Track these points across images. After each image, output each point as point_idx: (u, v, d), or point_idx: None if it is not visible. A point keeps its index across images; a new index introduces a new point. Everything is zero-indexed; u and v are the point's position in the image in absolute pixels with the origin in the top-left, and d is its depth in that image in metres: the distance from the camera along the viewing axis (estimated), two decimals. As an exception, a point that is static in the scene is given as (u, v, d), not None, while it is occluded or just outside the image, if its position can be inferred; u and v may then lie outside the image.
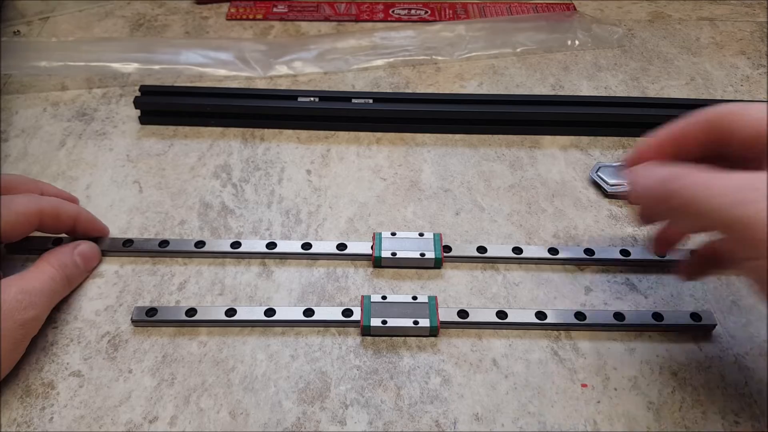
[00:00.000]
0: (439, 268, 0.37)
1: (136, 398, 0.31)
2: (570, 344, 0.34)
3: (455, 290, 0.36)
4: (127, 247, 0.37)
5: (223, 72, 0.52)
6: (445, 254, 0.37)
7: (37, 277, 0.32)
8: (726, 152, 0.29)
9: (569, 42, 0.55)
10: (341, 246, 0.37)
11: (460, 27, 0.56)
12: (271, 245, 0.37)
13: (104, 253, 0.37)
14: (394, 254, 0.37)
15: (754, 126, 0.28)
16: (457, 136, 0.47)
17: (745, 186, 0.24)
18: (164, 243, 0.37)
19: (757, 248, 0.24)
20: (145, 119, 0.47)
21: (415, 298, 0.35)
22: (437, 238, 0.38)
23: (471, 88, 0.51)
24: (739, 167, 0.26)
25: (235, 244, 0.37)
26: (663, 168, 0.28)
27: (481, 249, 0.37)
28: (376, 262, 0.37)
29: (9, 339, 0.30)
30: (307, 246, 0.37)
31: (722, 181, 0.25)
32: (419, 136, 0.46)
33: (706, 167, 0.26)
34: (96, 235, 0.37)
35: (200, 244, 0.37)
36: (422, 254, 0.37)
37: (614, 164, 0.42)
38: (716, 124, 0.29)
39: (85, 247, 0.36)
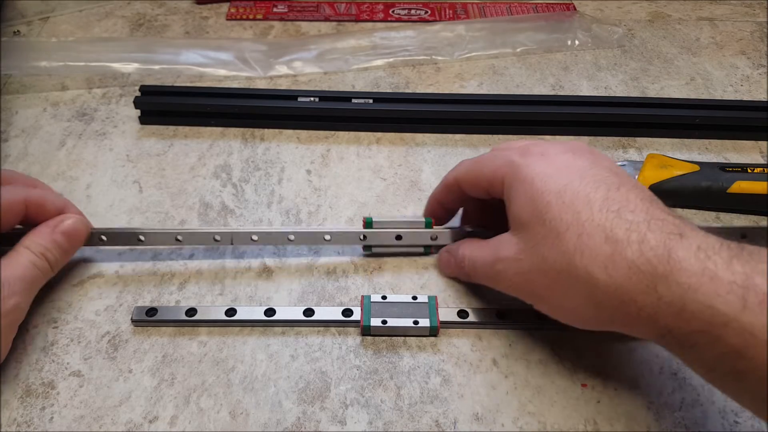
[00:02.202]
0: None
1: (136, 398, 0.31)
2: (570, 344, 0.34)
3: (455, 290, 0.36)
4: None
5: (223, 72, 0.52)
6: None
7: (15, 265, 0.31)
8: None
9: (569, 42, 0.55)
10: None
11: (460, 27, 0.56)
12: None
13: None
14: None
15: (475, 186, 0.34)
16: (457, 136, 0.47)
17: (492, 263, 0.31)
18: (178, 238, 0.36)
19: (526, 301, 0.31)
20: (145, 119, 0.47)
21: (415, 298, 0.35)
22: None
23: (471, 88, 0.51)
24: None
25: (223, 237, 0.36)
26: (449, 253, 0.36)
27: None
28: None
29: None
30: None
31: (480, 258, 0.33)
32: (419, 136, 0.46)
33: (471, 240, 0.35)
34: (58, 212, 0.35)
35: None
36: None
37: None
38: (453, 187, 0.35)
39: (68, 224, 0.34)
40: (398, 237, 0.37)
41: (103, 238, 0.36)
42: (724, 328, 0.23)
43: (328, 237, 0.36)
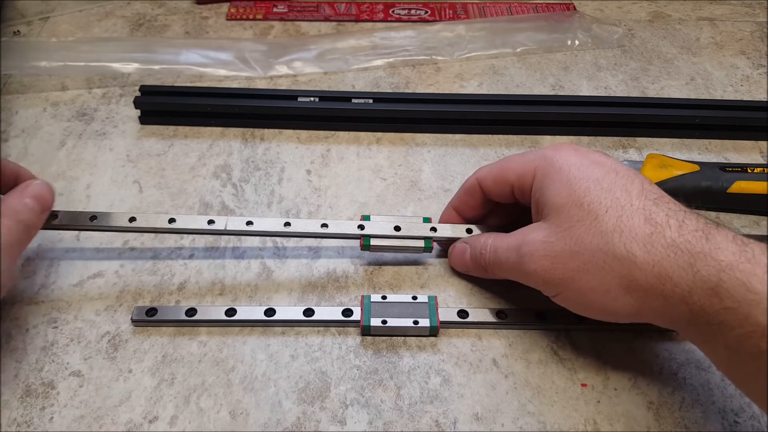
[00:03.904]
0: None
1: (136, 398, 0.31)
2: (570, 344, 0.34)
3: (455, 290, 0.36)
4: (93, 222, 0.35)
5: (223, 72, 0.52)
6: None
7: None
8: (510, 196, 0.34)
9: (569, 42, 0.55)
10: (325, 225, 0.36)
11: (460, 27, 0.56)
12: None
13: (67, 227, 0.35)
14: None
15: (500, 184, 0.34)
16: (457, 136, 0.47)
17: (517, 246, 0.31)
18: (132, 219, 0.35)
19: (549, 289, 0.30)
20: (145, 119, 0.47)
21: (415, 298, 0.35)
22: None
23: (471, 88, 0.51)
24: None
25: (210, 222, 0.36)
26: (467, 244, 0.35)
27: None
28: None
29: None
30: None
31: (504, 243, 0.32)
32: (419, 136, 0.46)
33: (492, 232, 0.34)
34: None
35: (173, 220, 0.35)
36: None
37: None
38: (474, 190, 0.35)
39: (35, 187, 0.33)
40: (397, 228, 0.36)
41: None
42: (754, 307, 0.23)
43: (325, 225, 0.35)
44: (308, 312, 0.34)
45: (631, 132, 0.47)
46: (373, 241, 0.36)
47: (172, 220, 0.35)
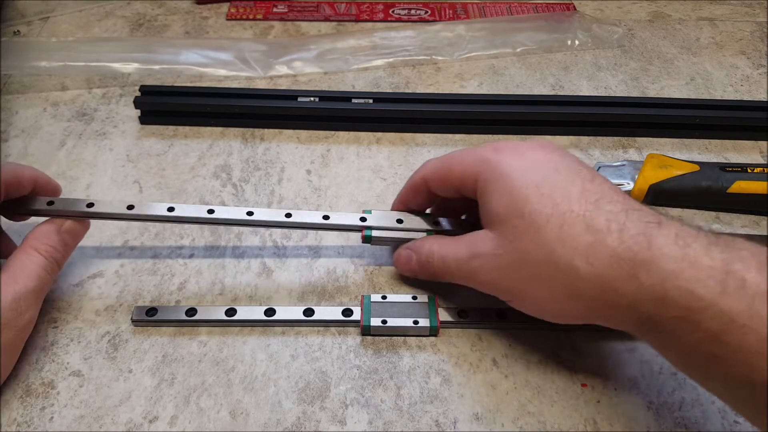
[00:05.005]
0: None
1: (136, 398, 0.31)
2: (570, 344, 0.34)
3: (455, 290, 0.36)
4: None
5: (223, 72, 0.52)
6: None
7: (28, 275, 0.30)
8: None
9: (569, 42, 0.55)
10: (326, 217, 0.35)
11: (460, 27, 0.56)
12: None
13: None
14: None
15: (445, 185, 0.33)
16: (457, 136, 0.47)
17: (468, 259, 0.31)
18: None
19: (502, 297, 0.31)
20: (145, 119, 0.47)
21: (415, 297, 0.35)
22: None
23: (471, 88, 0.51)
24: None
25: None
26: (412, 250, 0.34)
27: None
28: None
29: (9, 346, 0.30)
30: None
31: (453, 253, 0.32)
32: (419, 136, 0.46)
33: (437, 237, 0.34)
34: (52, 195, 0.35)
35: (171, 209, 0.35)
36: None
37: (614, 164, 0.42)
38: (420, 186, 0.34)
39: (70, 224, 0.33)
40: (399, 221, 0.36)
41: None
42: (702, 313, 0.23)
43: (327, 217, 0.35)
44: (308, 312, 0.34)
45: (631, 132, 0.47)
46: (375, 233, 0.35)
47: (171, 209, 0.34)
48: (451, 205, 0.36)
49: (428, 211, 0.37)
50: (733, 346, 0.22)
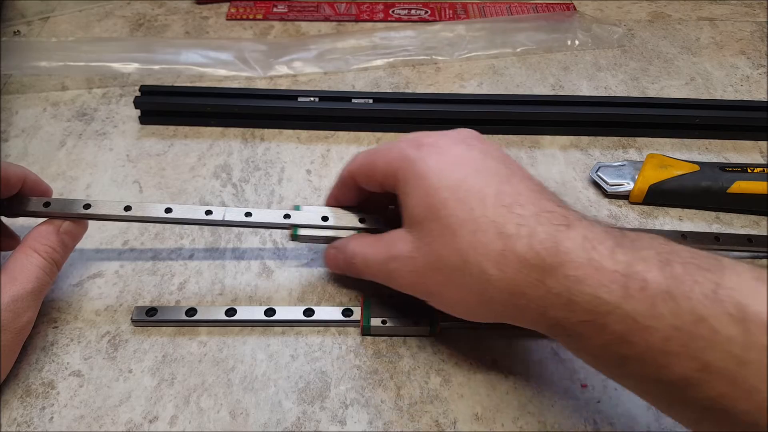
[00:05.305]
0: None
1: (136, 398, 0.31)
2: (570, 344, 0.34)
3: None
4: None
5: (223, 72, 0.52)
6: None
7: (27, 276, 0.30)
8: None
9: (569, 42, 0.55)
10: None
11: (460, 27, 0.56)
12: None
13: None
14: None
15: (370, 180, 0.32)
16: (457, 136, 0.46)
17: (385, 261, 0.30)
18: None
19: (420, 297, 0.30)
20: (145, 119, 0.47)
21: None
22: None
23: (471, 88, 0.51)
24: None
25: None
26: (337, 250, 0.34)
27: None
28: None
29: (7, 348, 0.29)
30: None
31: (372, 254, 0.31)
32: (419, 136, 0.46)
33: (361, 236, 0.34)
34: (41, 195, 0.34)
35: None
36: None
37: (614, 164, 0.42)
38: (348, 182, 0.34)
39: (69, 225, 0.33)
40: (324, 218, 0.35)
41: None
42: (608, 317, 0.23)
43: (249, 214, 0.34)
44: (308, 312, 0.34)
45: (631, 132, 0.47)
46: (302, 231, 0.35)
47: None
48: (383, 200, 0.35)
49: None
50: (640, 347, 0.23)
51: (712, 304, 0.22)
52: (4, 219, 0.35)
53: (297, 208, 0.35)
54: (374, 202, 0.35)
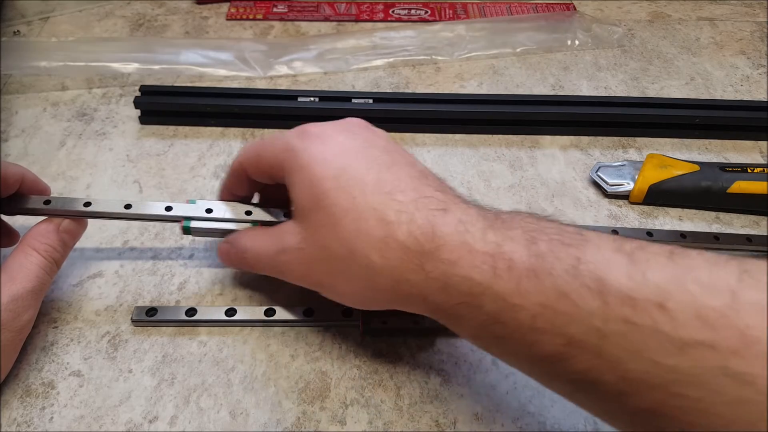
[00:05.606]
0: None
1: (136, 398, 0.31)
2: (570, 344, 0.33)
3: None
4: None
5: (223, 72, 0.52)
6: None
7: (26, 275, 0.30)
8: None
9: (569, 42, 0.55)
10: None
11: (460, 27, 0.56)
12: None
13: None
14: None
15: (259, 171, 0.32)
16: (457, 136, 0.47)
17: (275, 254, 0.30)
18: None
19: (313, 288, 0.30)
20: (145, 119, 0.47)
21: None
22: None
23: (471, 88, 0.51)
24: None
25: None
26: (230, 244, 0.33)
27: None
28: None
29: (7, 347, 0.29)
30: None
31: (263, 248, 0.31)
32: (419, 136, 0.46)
33: (252, 230, 0.33)
34: (40, 194, 0.34)
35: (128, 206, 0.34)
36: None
37: (614, 164, 0.42)
38: (239, 173, 0.33)
39: (68, 224, 0.33)
40: (209, 210, 0.34)
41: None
42: (481, 297, 0.24)
43: (129, 206, 0.34)
44: (308, 312, 0.34)
45: (631, 132, 0.47)
46: (194, 224, 0.34)
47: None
48: (278, 191, 0.34)
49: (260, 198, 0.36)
50: (511, 326, 0.23)
51: (573, 279, 0.22)
52: (4, 217, 0.35)
53: (192, 201, 0.35)
54: (270, 194, 0.35)
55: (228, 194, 0.35)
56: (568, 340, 0.22)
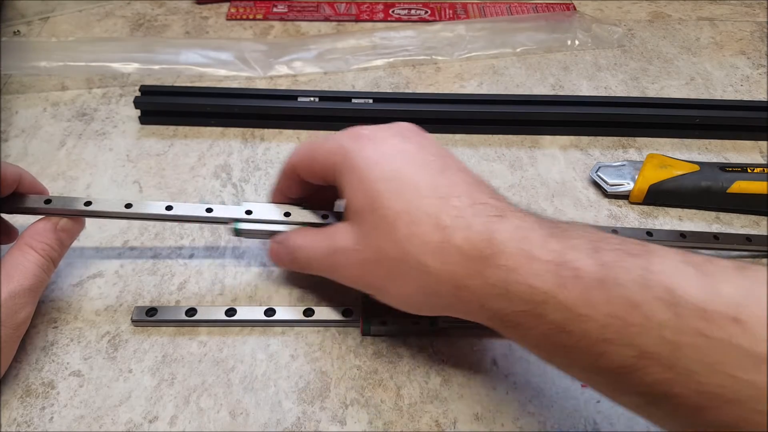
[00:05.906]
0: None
1: (136, 398, 0.31)
2: (570, 344, 0.33)
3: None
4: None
5: (223, 72, 0.52)
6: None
7: (24, 273, 0.30)
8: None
9: (569, 42, 0.55)
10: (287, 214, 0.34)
11: (460, 27, 0.56)
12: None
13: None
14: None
15: (311, 173, 0.32)
16: (457, 136, 0.47)
17: (329, 254, 0.30)
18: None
19: (367, 291, 0.30)
20: (145, 119, 0.47)
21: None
22: None
23: (471, 88, 0.51)
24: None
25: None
26: (280, 244, 0.33)
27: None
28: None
29: (5, 344, 0.29)
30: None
31: (316, 248, 0.31)
32: (419, 136, 0.46)
33: (303, 230, 0.33)
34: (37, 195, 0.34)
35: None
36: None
37: (614, 164, 0.42)
38: (291, 174, 0.33)
39: (66, 222, 0.33)
40: (248, 212, 0.34)
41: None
42: (544, 306, 0.24)
43: (170, 207, 0.34)
44: (308, 312, 0.34)
45: (631, 132, 0.47)
46: (242, 226, 0.34)
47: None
48: (328, 193, 0.34)
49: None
50: (576, 336, 0.23)
51: (643, 290, 0.22)
52: (3, 215, 0.35)
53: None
54: (321, 196, 0.35)
55: (280, 196, 0.35)
56: (640, 351, 0.21)
